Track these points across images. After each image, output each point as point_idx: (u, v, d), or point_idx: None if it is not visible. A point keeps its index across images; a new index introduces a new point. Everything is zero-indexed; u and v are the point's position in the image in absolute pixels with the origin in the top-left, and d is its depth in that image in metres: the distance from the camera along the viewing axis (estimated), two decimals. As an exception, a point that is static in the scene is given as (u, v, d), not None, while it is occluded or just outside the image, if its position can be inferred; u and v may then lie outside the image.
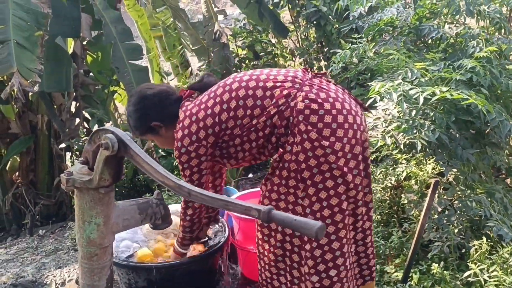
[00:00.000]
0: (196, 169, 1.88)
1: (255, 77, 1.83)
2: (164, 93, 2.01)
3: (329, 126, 1.73)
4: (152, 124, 1.98)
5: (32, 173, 4.87)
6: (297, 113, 1.73)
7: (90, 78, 5.03)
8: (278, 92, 1.77)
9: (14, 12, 3.40)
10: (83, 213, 1.40)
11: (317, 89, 1.78)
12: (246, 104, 1.79)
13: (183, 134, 1.85)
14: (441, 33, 2.55)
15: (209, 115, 1.82)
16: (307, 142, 1.72)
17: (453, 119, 2.16)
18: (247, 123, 1.80)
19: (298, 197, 1.80)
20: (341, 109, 1.76)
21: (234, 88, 1.83)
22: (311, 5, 4.45)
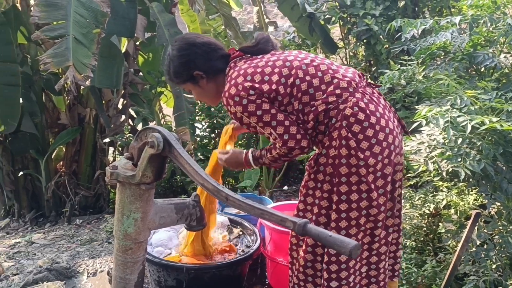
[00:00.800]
0: (274, 110, 1.74)
1: (316, 64, 1.79)
2: (213, 45, 1.93)
3: (368, 140, 1.71)
4: (195, 73, 1.90)
5: (75, 164, 5.04)
6: (342, 117, 1.71)
7: (139, 78, 5.18)
8: (332, 89, 1.74)
9: (76, 9, 3.54)
10: (123, 207, 1.45)
11: (368, 100, 1.75)
12: (300, 87, 1.75)
13: (237, 89, 1.76)
14: (495, 62, 2.49)
15: (265, 82, 1.75)
16: (344, 149, 1.71)
17: (501, 151, 2.10)
18: (295, 109, 1.76)
19: (332, 201, 1.77)
20: (384, 126, 1.75)
21: (294, 66, 1.77)
22: (363, 23, 4.43)
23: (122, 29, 4.31)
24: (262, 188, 4.41)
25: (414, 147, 2.29)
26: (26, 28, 4.56)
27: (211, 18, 5.91)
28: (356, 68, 4.98)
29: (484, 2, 2.66)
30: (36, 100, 4.71)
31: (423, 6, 4.82)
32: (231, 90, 1.77)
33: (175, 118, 4.46)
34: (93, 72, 3.64)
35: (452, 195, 2.51)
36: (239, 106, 1.74)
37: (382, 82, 3.02)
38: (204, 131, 4.82)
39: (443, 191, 2.61)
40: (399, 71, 2.85)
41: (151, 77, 5.08)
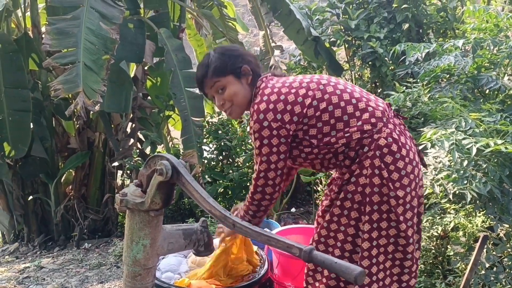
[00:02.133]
0: (276, 150, 1.76)
1: (349, 91, 1.80)
2: (254, 58, 1.97)
3: (398, 171, 1.73)
4: (244, 66, 1.88)
5: (84, 188, 5.08)
6: (376, 147, 1.73)
7: (148, 102, 5.25)
8: (367, 117, 1.75)
9: (86, 37, 3.62)
10: (132, 233, 1.47)
11: (399, 131, 1.78)
12: (333, 113, 1.75)
13: (267, 107, 1.75)
14: (499, 84, 2.51)
15: (298, 103, 1.75)
16: (377, 178, 1.72)
17: (507, 173, 2.11)
18: (326, 131, 1.76)
19: (359, 229, 1.78)
20: (412, 159, 1.78)
21: (328, 91, 1.78)
22: (368, 46, 4.48)
23: (131, 55, 4.40)
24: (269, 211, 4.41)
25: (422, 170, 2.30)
26: (38, 54, 4.66)
27: (218, 42, 6.00)
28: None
29: (487, 26, 2.70)
30: (46, 125, 4.78)
31: (427, 28, 4.87)
32: (261, 105, 1.77)
33: (183, 141, 4.49)
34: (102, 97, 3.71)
35: (460, 217, 2.50)
36: (258, 124, 1.76)
37: (387, 104, 3.04)
38: (212, 154, 4.86)
39: (450, 213, 2.61)
40: (404, 94, 2.88)
41: (159, 101, 5.15)
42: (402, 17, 4.51)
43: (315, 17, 5.40)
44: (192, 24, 6.17)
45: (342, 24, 4.90)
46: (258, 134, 1.76)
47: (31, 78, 4.67)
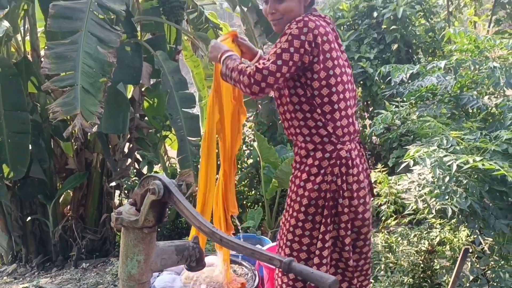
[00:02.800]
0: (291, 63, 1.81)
1: (352, 96, 1.97)
2: None
3: (347, 184, 1.90)
4: None
5: (82, 208, 5.13)
6: (337, 156, 1.89)
7: (145, 122, 5.34)
8: (344, 123, 1.90)
9: (84, 60, 3.72)
10: (127, 250, 1.55)
11: (356, 153, 1.95)
12: (331, 93, 1.87)
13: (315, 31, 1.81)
14: (480, 103, 2.62)
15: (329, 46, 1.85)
16: (334, 185, 1.89)
17: (486, 188, 2.20)
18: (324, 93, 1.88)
19: (327, 231, 1.91)
20: (361, 181, 1.94)
21: (344, 80, 1.91)
22: (358, 66, 4.61)
23: (128, 77, 4.51)
24: (264, 228, 4.48)
25: (406, 186, 2.39)
26: (37, 77, 4.76)
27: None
28: (354, 108, 5.13)
29: (469, 47, 2.82)
30: (45, 146, 4.86)
31: (416, 48, 5.01)
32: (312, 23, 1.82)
33: (179, 160, 4.57)
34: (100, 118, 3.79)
35: (445, 231, 2.58)
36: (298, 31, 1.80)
37: (376, 123, 3.15)
38: (208, 173, 4.92)
39: (436, 228, 2.69)
40: (391, 113, 2.99)
41: (156, 122, 5.24)
42: (391, 38, 4.66)
43: (307, 38, 5.53)
44: (188, 46, 6.30)
45: (333, 45, 5.03)
46: (292, 39, 1.80)
47: (30, 101, 4.77)
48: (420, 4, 4.94)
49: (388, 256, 2.86)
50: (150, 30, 5.19)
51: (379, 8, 4.94)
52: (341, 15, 5.23)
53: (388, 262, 2.77)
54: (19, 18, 4.90)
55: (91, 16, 3.83)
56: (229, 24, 12.47)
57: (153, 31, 5.17)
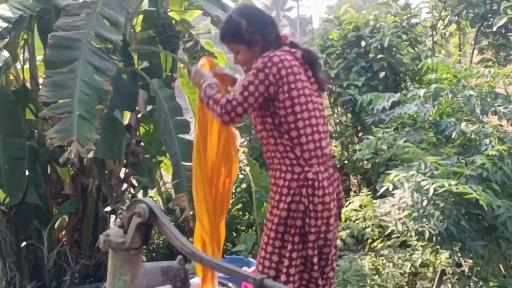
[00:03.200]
0: (257, 94, 1.96)
1: (322, 123, 2.10)
2: (275, 23, 2.18)
3: (313, 204, 2.00)
4: (256, 36, 2.08)
5: (77, 233, 5.15)
6: (305, 178, 2.00)
7: (141, 148, 5.43)
8: (311, 147, 2.03)
9: (81, 88, 3.84)
10: (114, 271, 1.63)
11: (326, 176, 2.05)
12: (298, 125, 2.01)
13: (278, 64, 1.97)
14: (457, 130, 2.74)
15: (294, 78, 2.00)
16: (302, 205, 2.01)
17: (463, 211, 2.29)
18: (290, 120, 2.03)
19: (294, 250, 2.01)
20: (327, 203, 2.04)
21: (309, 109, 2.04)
22: (347, 93, 4.75)
23: (125, 104, 4.63)
24: (256, 252, 4.54)
25: (387, 209, 2.49)
26: (34, 105, 4.87)
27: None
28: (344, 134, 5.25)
29: (447, 76, 2.96)
30: (41, 171, 4.92)
31: (403, 75, 5.18)
32: (276, 58, 1.99)
33: (174, 185, 4.64)
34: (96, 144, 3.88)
35: (427, 254, 2.66)
36: (262, 65, 1.98)
37: (362, 148, 3.26)
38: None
39: (418, 250, 2.77)
40: (376, 139, 3.10)
41: (151, 147, 5.33)
42: (378, 66, 4.81)
43: (299, 66, 5.70)
44: (185, 73, 6.43)
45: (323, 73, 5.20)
46: (257, 72, 1.97)
47: (28, 127, 4.86)
48: (406, 34, 5.12)
49: (375, 278, 2.93)
50: (147, 58, 5.34)
51: (367, 38, 5.12)
52: (330, 44, 5.40)
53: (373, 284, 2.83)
54: (19, 47, 5.05)
55: (89, 45, 3.98)
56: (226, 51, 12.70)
57: (149, 59, 5.32)
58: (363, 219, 2.97)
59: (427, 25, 5.46)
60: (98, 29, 4.06)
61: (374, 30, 5.22)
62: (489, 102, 2.71)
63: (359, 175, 5.48)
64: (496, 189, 2.32)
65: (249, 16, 2.13)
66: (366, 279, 2.98)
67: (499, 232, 2.46)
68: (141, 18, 5.49)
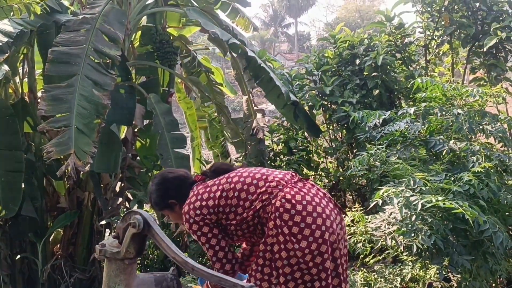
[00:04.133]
0: (210, 235, 2.14)
1: (252, 175, 2.19)
2: (182, 178, 2.36)
3: (297, 225, 2.02)
4: (169, 201, 2.29)
5: (72, 246, 5.16)
6: (274, 209, 2.05)
7: (137, 162, 5.47)
8: (264, 189, 2.11)
9: (79, 102, 3.89)
10: (109, 280, 1.68)
11: (295, 192, 2.09)
12: (240, 196, 2.13)
13: (189, 208, 2.16)
14: (445, 147, 2.80)
15: (211, 198, 2.15)
16: (281, 236, 2.02)
17: (450, 226, 2.34)
18: (240, 211, 2.12)
19: (272, 283, 2.05)
20: (311, 211, 2.05)
21: (234, 181, 2.17)
22: (342, 110, 4.83)
23: (121, 118, 4.68)
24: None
25: (377, 224, 2.54)
26: (32, 118, 4.92)
27: (206, 105, 6.35)
28: (338, 150, 5.32)
29: (437, 95, 3.04)
30: (38, 184, 4.95)
31: (397, 93, 5.27)
32: (185, 208, 2.19)
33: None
34: (93, 158, 3.92)
35: (416, 268, 2.71)
36: (187, 223, 2.17)
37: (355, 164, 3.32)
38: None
39: (408, 265, 2.81)
40: (368, 155, 3.16)
41: (147, 161, 5.37)
42: (372, 84, 4.90)
43: (295, 83, 5.80)
44: (182, 88, 6.53)
45: (318, 90, 5.28)
46: (192, 231, 2.17)
47: (25, 140, 4.90)
48: (400, 52, 5.23)
49: (366, 293, 2.96)
50: (144, 73, 5.42)
51: (361, 56, 5.22)
52: (326, 61, 5.51)
53: (365, 299, 2.87)
54: (19, 61, 5.13)
55: (88, 61, 4.05)
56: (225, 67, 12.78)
57: (147, 74, 5.40)
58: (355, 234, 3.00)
59: (421, 44, 5.57)
60: (97, 44, 4.14)
61: (369, 48, 5.32)
62: (477, 120, 2.78)
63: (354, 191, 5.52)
64: (483, 205, 2.37)
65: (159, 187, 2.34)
66: (358, 294, 3.02)
67: (485, 247, 2.52)
68: (139, 33, 5.59)
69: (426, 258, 2.49)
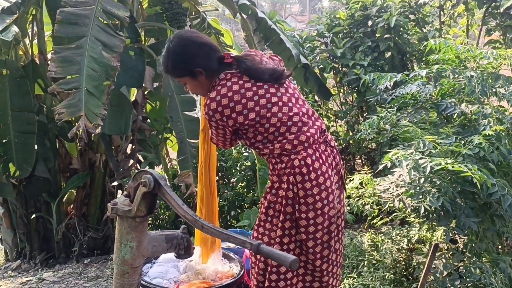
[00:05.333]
0: (222, 134, 2.14)
1: (291, 114, 2.06)
2: (213, 46, 2.15)
3: (305, 190, 2.03)
4: (195, 69, 2.09)
5: (85, 207, 5.29)
6: (291, 165, 2.04)
7: (147, 124, 5.51)
8: (291, 138, 2.04)
9: (89, 64, 3.88)
10: (121, 237, 1.72)
11: (316, 157, 2.07)
12: (268, 129, 2.04)
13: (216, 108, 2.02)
14: (457, 110, 2.78)
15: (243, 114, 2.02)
16: (291, 192, 2.04)
17: (458, 189, 2.35)
18: (259, 138, 2.08)
19: (285, 228, 2.08)
20: (321, 183, 2.06)
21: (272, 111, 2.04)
22: (353, 73, 4.77)
23: (131, 80, 4.67)
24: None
25: (386, 186, 2.55)
26: (43, 80, 4.94)
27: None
28: (349, 113, 5.29)
29: (450, 57, 2.98)
30: (50, 146, 5.02)
31: (410, 56, 5.18)
32: (212, 103, 2.04)
33: (179, 162, 4.72)
34: (103, 120, 3.94)
35: (423, 230, 2.73)
36: (207, 117, 2.08)
37: (364, 127, 3.31)
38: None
39: (415, 227, 2.84)
40: (378, 118, 3.15)
41: (158, 124, 5.41)
42: (385, 46, 4.82)
43: (306, 45, 5.72)
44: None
45: (329, 52, 5.21)
46: (209, 121, 2.12)
47: (37, 102, 4.94)
48: (414, 14, 5.11)
49: (374, 254, 3.01)
50: (154, 35, 5.36)
51: (374, 17, 5.11)
52: (337, 23, 5.40)
53: (371, 259, 2.92)
54: (28, 22, 5.10)
55: (96, 22, 4.01)
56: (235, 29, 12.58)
57: (156, 36, 5.34)
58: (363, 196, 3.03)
59: (435, 5, 5.43)
60: (105, 5, 4.09)
61: (381, 9, 5.20)
62: (490, 83, 2.74)
63: (363, 155, 5.53)
64: (493, 169, 2.37)
65: (185, 50, 2.11)
66: (365, 254, 3.07)
67: (493, 209, 2.53)
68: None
69: (433, 220, 2.51)
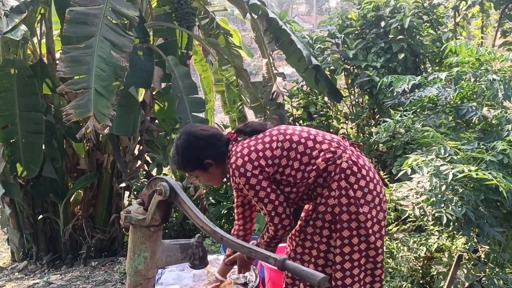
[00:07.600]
0: (270, 189, 1.99)
1: (307, 130, 2.08)
2: (217, 135, 2.20)
3: (362, 189, 1.96)
4: (205, 161, 2.13)
5: (92, 208, 5.24)
6: (340, 170, 1.96)
7: (155, 125, 5.46)
8: (326, 147, 2.00)
9: (98, 64, 3.83)
10: (135, 247, 1.65)
11: (356, 155, 2.03)
12: (297, 149, 2.00)
13: (243, 161, 2.00)
14: (478, 114, 2.69)
15: (267, 149, 2.01)
16: (344, 198, 1.95)
17: (482, 197, 2.27)
18: (296, 166, 2.00)
19: (331, 245, 2.00)
20: (372, 178, 2.01)
21: (288, 133, 2.05)
22: (365, 74, 4.69)
23: (140, 81, 4.62)
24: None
25: (405, 193, 2.47)
26: (51, 79, 4.90)
27: (223, 68, 6.24)
28: (360, 115, 5.20)
29: (470, 59, 2.90)
30: (58, 146, 4.98)
31: (423, 57, 5.08)
32: (237, 161, 2.02)
33: (188, 163, 4.64)
34: (112, 120, 3.90)
35: (443, 238, 2.65)
36: (243, 177, 2.00)
37: (380, 131, 3.23)
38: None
39: (434, 235, 2.75)
40: (394, 122, 3.06)
41: (166, 125, 5.35)
42: (398, 48, 4.73)
43: (316, 46, 5.64)
44: (199, 50, 6.42)
45: (341, 53, 5.12)
46: (248, 185, 2.00)
47: (45, 102, 4.90)
48: (427, 15, 5.01)
49: (389, 261, 2.93)
50: (162, 35, 5.31)
51: (387, 18, 5.02)
52: (349, 24, 5.32)
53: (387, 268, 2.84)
54: (36, 22, 5.06)
55: (106, 21, 3.95)
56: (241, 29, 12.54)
57: (165, 36, 5.29)
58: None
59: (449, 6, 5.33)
60: (114, 4, 4.04)
61: (395, 10, 5.11)
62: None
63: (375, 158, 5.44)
64: (518, 176, 2.29)
65: (192, 145, 2.15)
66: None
67: (518, 219, 2.45)
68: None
69: (455, 228, 2.43)
